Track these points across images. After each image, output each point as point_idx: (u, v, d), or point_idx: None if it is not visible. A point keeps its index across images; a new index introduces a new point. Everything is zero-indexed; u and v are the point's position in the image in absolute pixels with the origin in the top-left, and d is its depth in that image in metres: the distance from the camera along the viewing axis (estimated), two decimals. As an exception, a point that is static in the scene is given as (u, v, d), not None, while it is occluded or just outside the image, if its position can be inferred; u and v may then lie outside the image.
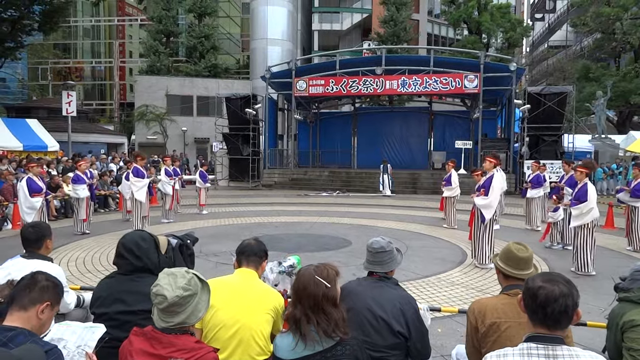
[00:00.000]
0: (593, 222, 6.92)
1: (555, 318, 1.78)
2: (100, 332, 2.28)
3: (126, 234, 2.83)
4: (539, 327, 1.81)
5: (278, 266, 3.37)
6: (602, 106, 21.28)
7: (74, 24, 46.41)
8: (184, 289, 1.98)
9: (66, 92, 19.39)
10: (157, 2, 37.14)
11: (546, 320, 1.79)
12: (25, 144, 19.75)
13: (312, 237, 9.80)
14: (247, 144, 21.92)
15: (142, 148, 30.57)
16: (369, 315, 2.53)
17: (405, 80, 20.56)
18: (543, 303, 1.79)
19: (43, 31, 24.44)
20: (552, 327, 1.80)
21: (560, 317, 1.78)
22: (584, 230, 6.93)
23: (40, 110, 29.91)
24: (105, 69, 48.43)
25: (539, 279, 1.86)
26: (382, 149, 25.36)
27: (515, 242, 2.68)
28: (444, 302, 5.56)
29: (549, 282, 1.83)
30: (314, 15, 41.43)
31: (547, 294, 1.79)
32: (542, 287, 1.81)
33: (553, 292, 1.78)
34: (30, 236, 3.31)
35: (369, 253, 2.79)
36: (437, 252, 8.44)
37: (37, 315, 2.04)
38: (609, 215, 11.29)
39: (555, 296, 1.78)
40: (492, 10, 32.98)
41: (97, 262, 7.51)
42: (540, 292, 1.80)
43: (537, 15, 53.41)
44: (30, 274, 2.15)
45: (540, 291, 1.80)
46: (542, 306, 1.79)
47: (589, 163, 7.42)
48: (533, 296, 1.82)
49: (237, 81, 36.02)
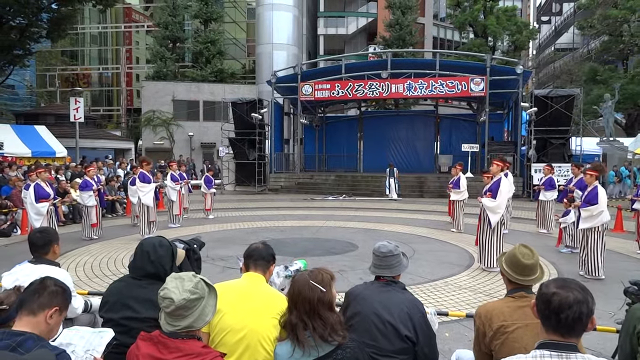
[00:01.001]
0: (603, 226, 6.86)
1: (569, 325, 1.73)
2: (108, 337, 2.29)
3: (147, 237, 2.85)
4: (552, 334, 1.77)
5: (284, 270, 3.37)
6: (610, 109, 21.13)
7: (82, 30, 46.87)
8: (191, 292, 1.99)
9: (74, 98, 19.60)
10: (163, 9, 37.44)
11: (559, 327, 1.74)
12: (34, 150, 19.94)
13: (318, 241, 9.78)
14: (254, 148, 21.96)
15: (149, 153, 30.75)
16: (376, 320, 2.52)
17: (411, 84, 20.54)
18: (557, 309, 1.74)
19: (51, 38, 24.67)
20: (565, 334, 1.75)
21: (574, 324, 1.73)
22: (594, 234, 6.87)
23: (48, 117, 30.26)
24: (112, 75, 48.79)
25: (553, 285, 1.81)
26: (389, 152, 25.34)
27: (521, 244, 2.63)
28: (452, 306, 5.53)
29: (563, 288, 1.78)
30: (319, 19, 41.54)
31: (561, 300, 1.74)
32: (556, 293, 1.76)
33: (567, 299, 1.74)
34: (37, 241, 3.32)
35: (377, 257, 2.77)
36: (445, 256, 8.40)
37: (45, 320, 2.05)
38: (618, 219, 11.19)
39: (569, 303, 1.73)
40: (498, 14, 32.95)
41: (105, 267, 7.55)
42: (554, 298, 1.75)
43: (544, 18, 53.23)
44: (39, 279, 2.16)
45: (554, 297, 1.75)
46: (555, 312, 1.74)
47: (598, 166, 7.36)
48: (546, 302, 1.77)
49: (243, 86, 36.17)
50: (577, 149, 18.78)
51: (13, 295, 2.47)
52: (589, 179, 7.08)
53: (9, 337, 1.94)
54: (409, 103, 28.55)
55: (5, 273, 3.26)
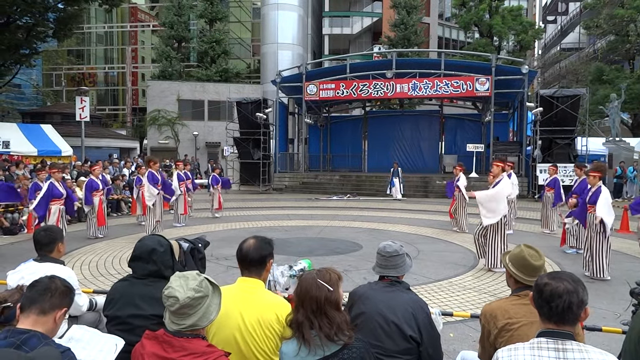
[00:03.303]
0: (605, 226, 6.81)
1: (559, 313, 1.83)
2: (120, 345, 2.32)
3: (143, 237, 2.85)
4: (547, 322, 1.88)
5: (289, 270, 3.37)
6: (616, 109, 21.00)
7: (88, 30, 47.10)
8: (196, 290, 2.00)
9: (79, 97, 19.66)
10: (168, 8, 37.55)
11: (551, 315, 1.85)
12: (40, 149, 20.06)
13: (322, 241, 9.78)
14: (258, 148, 21.98)
15: (154, 152, 30.87)
16: (381, 320, 2.52)
17: (416, 84, 20.49)
18: (548, 298, 1.85)
19: (57, 38, 24.82)
20: (558, 322, 1.85)
21: (564, 313, 1.83)
22: (599, 235, 6.83)
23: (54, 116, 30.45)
24: (117, 74, 48.99)
25: (546, 277, 1.93)
26: (393, 152, 25.28)
27: (525, 245, 2.63)
28: (456, 307, 5.52)
29: (554, 279, 1.89)
30: (324, 19, 41.55)
31: (552, 290, 1.85)
32: (548, 283, 1.88)
33: (557, 289, 1.85)
34: (42, 240, 3.34)
35: (382, 257, 2.76)
36: (449, 256, 8.38)
37: (54, 319, 2.06)
38: (624, 219, 11.12)
39: (559, 292, 1.84)
40: (504, 13, 32.81)
41: (110, 266, 7.58)
42: (545, 288, 1.87)
43: (549, 18, 53.00)
44: (47, 277, 2.16)
45: (546, 287, 1.87)
46: (547, 301, 1.86)
47: (600, 166, 7.29)
48: (539, 292, 1.89)
49: (248, 85, 36.23)
50: (583, 149, 18.68)
51: (17, 293, 2.48)
52: (592, 180, 7.02)
53: (13, 335, 1.95)
54: (413, 103, 28.49)
55: (11, 271, 3.27)
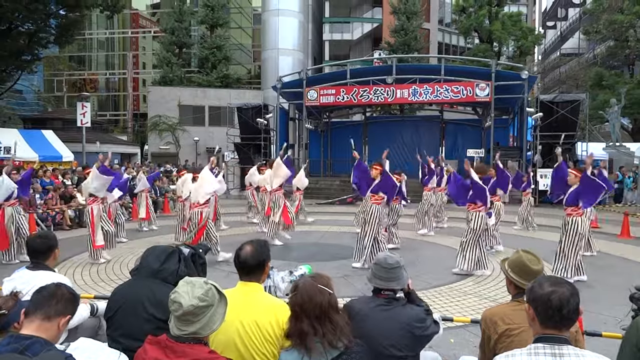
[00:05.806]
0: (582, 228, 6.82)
1: (570, 318, 1.82)
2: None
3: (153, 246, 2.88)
4: (551, 329, 1.83)
5: (289, 275, 3.38)
6: (616, 114, 21.03)
7: (89, 36, 47.22)
8: (200, 299, 1.98)
9: (81, 103, 19.73)
10: (170, 14, 37.73)
11: (562, 321, 1.82)
12: (41, 154, 20.06)
13: (323, 246, 9.80)
14: (259, 153, 22.01)
15: (155, 158, 30.90)
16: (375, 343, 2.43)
17: (416, 89, 20.54)
18: (559, 306, 1.80)
19: (59, 44, 24.92)
20: (565, 327, 1.83)
21: (574, 316, 1.83)
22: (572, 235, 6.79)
23: (55, 122, 30.47)
24: (119, 80, 49.09)
25: (546, 284, 1.86)
26: (394, 157, 25.24)
27: (523, 250, 2.64)
28: (457, 312, 5.52)
29: (557, 285, 1.85)
30: (324, 25, 41.66)
31: (560, 296, 1.81)
32: (554, 291, 1.82)
33: (564, 294, 1.81)
34: (39, 247, 3.27)
35: (383, 269, 2.63)
36: (449, 261, 8.37)
37: (59, 326, 2.08)
38: (624, 225, 11.12)
39: (567, 297, 1.81)
40: (504, 19, 32.94)
41: (111, 271, 7.58)
42: (553, 296, 1.81)
43: (549, 23, 53.18)
44: (54, 284, 2.18)
45: (553, 295, 1.81)
46: (558, 309, 1.80)
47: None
48: (547, 302, 1.82)
49: (249, 91, 36.28)
50: (583, 154, 18.68)
51: (10, 300, 2.49)
52: (573, 179, 6.91)
53: (16, 340, 1.97)
54: (414, 108, 28.54)
55: (7, 279, 3.26)
